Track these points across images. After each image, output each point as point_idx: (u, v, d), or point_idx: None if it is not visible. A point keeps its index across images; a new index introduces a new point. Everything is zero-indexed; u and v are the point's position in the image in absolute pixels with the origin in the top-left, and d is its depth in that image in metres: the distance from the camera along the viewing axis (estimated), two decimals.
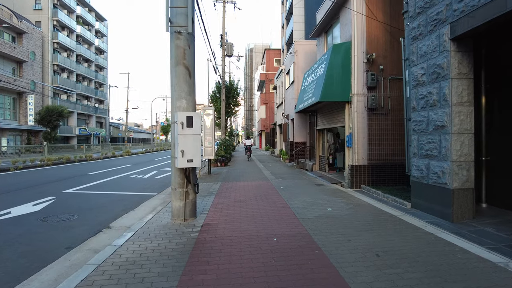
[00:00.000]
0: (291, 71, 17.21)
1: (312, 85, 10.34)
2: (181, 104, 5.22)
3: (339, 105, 9.75)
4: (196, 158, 5.05)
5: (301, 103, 11.46)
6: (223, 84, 20.92)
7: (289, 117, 18.06)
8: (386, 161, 8.66)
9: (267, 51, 39.87)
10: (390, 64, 8.93)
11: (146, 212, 6.42)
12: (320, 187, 8.68)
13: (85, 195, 8.37)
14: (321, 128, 12.14)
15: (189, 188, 5.29)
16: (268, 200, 6.95)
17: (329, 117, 10.94)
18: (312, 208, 6.07)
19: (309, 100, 10.19)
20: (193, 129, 5.03)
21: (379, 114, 8.81)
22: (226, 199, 7.17)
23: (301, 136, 16.29)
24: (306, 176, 11.27)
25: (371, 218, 5.27)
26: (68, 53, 43.21)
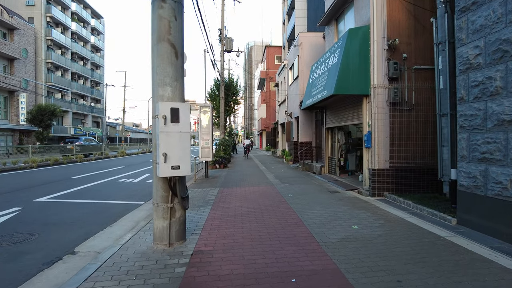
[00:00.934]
0: (295, 65, 15.97)
1: (322, 78, 9.10)
2: (164, 93, 3.97)
3: (355, 99, 8.51)
4: (184, 164, 3.80)
5: (309, 98, 10.22)
6: (222, 81, 19.70)
7: (292, 115, 16.83)
8: (410, 164, 7.42)
9: (268, 48, 38.67)
10: (414, 52, 7.70)
11: (125, 229, 5.17)
12: (335, 195, 7.43)
13: (59, 205, 7.11)
14: (331, 127, 10.90)
15: (176, 203, 4.04)
16: (276, 213, 5.70)
17: (341, 114, 9.69)
18: (333, 226, 4.82)
19: (320, 94, 8.94)
20: (180, 125, 3.79)
21: (402, 110, 7.58)
22: (224, 211, 5.92)
23: (306, 135, 15.05)
24: (315, 181, 10.02)
25: (415, 242, 4.03)
26: (63, 50, 41.90)
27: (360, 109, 8.28)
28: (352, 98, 8.58)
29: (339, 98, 9.01)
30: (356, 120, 8.71)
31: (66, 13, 42.53)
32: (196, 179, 10.54)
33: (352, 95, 8.23)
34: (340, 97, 8.73)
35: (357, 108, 8.49)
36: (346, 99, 8.92)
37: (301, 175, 11.65)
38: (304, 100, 11.10)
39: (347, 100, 8.96)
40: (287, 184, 9.28)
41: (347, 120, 9.26)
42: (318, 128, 14.11)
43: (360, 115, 8.32)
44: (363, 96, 7.92)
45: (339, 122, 9.92)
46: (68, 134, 41.61)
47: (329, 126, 10.96)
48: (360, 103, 8.25)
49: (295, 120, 16.41)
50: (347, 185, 8.52)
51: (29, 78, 34.73)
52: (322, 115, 11.99)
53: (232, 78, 25.31)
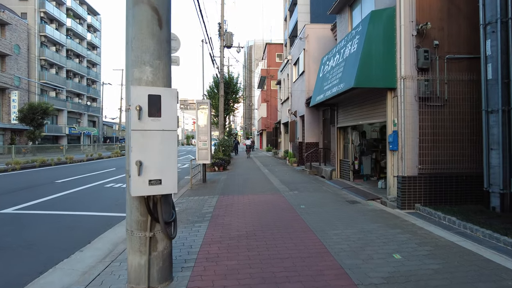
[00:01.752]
0: (300, 60, 14.81)
1: (337, 69, 7.94)
2: (142, 75, 2.80)
3: (375, 94, 7.37)
4: (168, 177, 2.63)
5: (320, 94, 9.06)
6: (221, 78, 18.55)
7: (297, 114, 15.67)
8: (443, 170, 6.27)
9: (269, 45, 37.52)
10: (447, 38, 6.56)
11: (98, 255, 4.01)
12: (356, 207, 6.27)
13: (26, 218, 5.94)
14: (344, 126, 9.74)
15: (157, 232, 2.86)
16: (290, 234, 4.53)
17: (357, 111, 8.54)
18: (368, 255, 3.66)
19: (334, 88, 7.78)
20: (162, 120, 2.62)
21: (433, 106, 6.43)
22: (224, 230, 4.75)
23: (312, 135, 13.89)
24: (327, 187, 8.86)
25: (494, 287, 2.87)
26: (57, 47, 40.62)
27: (382, 105, 7.13)
28: (373, 93, 7.43)
29: (356, 93, 7.86)
30: (376, 118, 7.56)
31: (61, 9, 41.27)
32: (193, 185, 9.37)
33: (373, 89, 7.09)
34: (358, 92, 7.58)
35: (378, 104, 7.34)
36: (365, 93, 7.76)
37: (310, 180, 10.49)
38: (313, 96, 9.95)
39: (365, 95, 7.80)
40: (296, 191, 8.11)
41: (365, 118, 8.10)
42: (326, 127, 12.96)
43: (382, 112, 7.17)
44: (386, 90, 6.78)
45: (354, 120, 8.76)
46: (63, 134, 40.37)
47: (342, 126, 9.81)
48: (382, 98, 7.10)
49: (300, 119, 15.25)
50: (367, 194, 7.36)
51: (21, 75, 33.48)
52: (333, 113, 10.83)
53: (232, 75, 24.14)
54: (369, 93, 7.55)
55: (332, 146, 11.53)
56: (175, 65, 6.37)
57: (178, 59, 6.40)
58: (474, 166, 6.23)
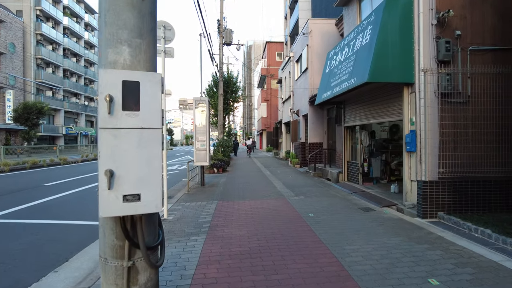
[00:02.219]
0: (303, 56, 14.17)
1: (346, 64, 7.31)
2: (118, 57, 2.14)
3: (389, 89, 6.74)
4: (150, 190, 1.97)
5: (327, 91, 8.42)
6: (220, 77, 17.94)
7: (300, 113, 15.03)
8: (466, 173, 5.63)
9: (269, 44, 36.91)
10: (470, 28, 5.93)
11: (73, 279, 3.38)
12: (371, 215, 5.63)
13: (3, 228, 5.29)
14: (352, 125, 9.11)
15: (138, 260, 2.21)
16: (301, 250, 3.89)
17: (367, 109, 7.90)
18: (398, 279, 3.02)
19: (343, 84, 7.15)
20: (141, 115, 1.96)
21: (455, 103, 5.80)
22: (225, 245, 4.11)
23: (316, 135, 13.26)
24: (335, 191, 8.22)
25: None
26: (54, 46, 39.93)
27: (397, 102, 6.50)
28: (386, 89, 6.80)
29: (368, 89, 7.24)
30: (390, 117, 6.93)
31: (57, 7, 40.58)
32: (190, 188, 8.73)
33: (387, 84, 6.47)
34: (370, 88, 6.96)
35: (393, 100, 6.71)
36: (377, 89, 7.13)
37: (315, 183, 9.85)
38: (319, 94, 9.31)
39: (378, 91, 7.17)
40: (301, 196, 7.47)
41: (377, 117, 7.46)
42: (330, 127, 12.34)
43: (397, 110, 6.54)
44: (403, 85, 6.15)
45: (364, 119, 8.12)
46: (60, 134, 39.70)
47: (350, 125, 9.17)
48: (397, 94, 6.46)
49: (303, 118, 14.62)
50: (380, 199, 6.72)
51: (16, 74, 32.80)
52: (339, 112, 10.20)
53: (232, 74, 23.49)
54: (383, 89, 6.92)
55: (338, 146, 10.90)
56: (169, 57, 5.73)
57: (173, 50, 5.76)
58: (503, 169, 5.60)
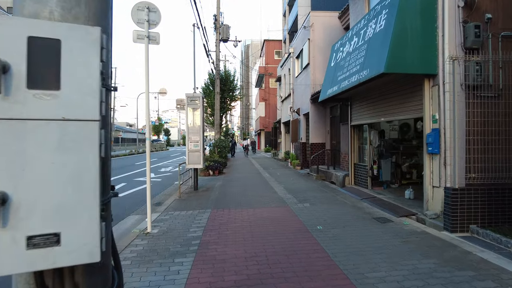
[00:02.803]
0: (304, 51, 13.38)
1: (356, 55, 6.52)
2: (41, 8, 1.31)
3: (406, 82, 5.96)
4: (78, 226, 1.15)
5: (333, 86, 7.63)
6: (217, 74, 17.12)
7: (300, 112, 14.25)
8: (500, 179, 4.85)
9: (267, 42, 36.17)
10: (502, 10, 5.18)
11: None
12: (389, 227, 4.84)
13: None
14: (360, 124, 8.32)
15: None
16: (312, 278, 3.08)
17: (379, 105, 7.12)
18: None
19: (353, 77, 6.36)
20: (62, 96, 1.14)
21: (484, 97, 5.03)
22: (216, 272, 3.29)
23: (318, 135, 12.47)
24: (342, 196, 7.43)
25: None
26: None
27: (415, 97, 5.72)
28: (403, 81, 6.01)
29: (382, 83, 6.46)
30: (406, 114, 6.15)
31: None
32: (182, 193, 7.91)
33: (404, 76, 5.69)
34: (384, 81, 6.17)
35: (410, 95, 5.93)
36: (392, 83, 6.35)
37: (318, 186, 9.06)
38: (324, 90, 8.52)
39: (393, 84, 6.39)
40: (306, 203, 6.67)
41: (390, 114, 6.68)
42: (334, 126, 11.56)
43: (414, 106, 5.77)
44: (423, 76, 5.37)
45: (374, 117, 7.35)
46: None
47: (357, 123, 8.38)
48: (416, 87, 5.69)
49: (304, 117, 13.83)
50: (396, 208, 5.93)
51: None
52: (345, 110, 9.43)
53: (229, 71, 22.67)
54: (399, 82, 6.13)
55: (343, 147, 10.12)
56: (154, 43, 4.93)
57: (158, 36, 4.96)
58: None
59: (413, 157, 8.56)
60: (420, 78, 5.44)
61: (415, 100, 5.76)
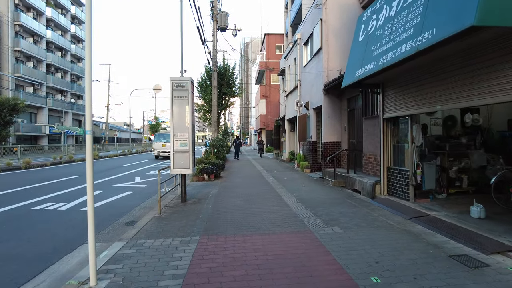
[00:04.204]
0: (315, 35, 11.45)
1: (404, 18, 4.59)
2: None
3: (499, 46, 4.03)
4: None
5: (366, 64, 5.70)
6: (214, 67, 15.22)
7: (310, 106, 12.32)
8: None
9: (268, 35, 34.22)
10: None
11: None
12: (491, 280, 2.93)
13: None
14: (396, 116, 6.41)
15: None
16: None
17: (433, 88, 5.18)
18: None
19: (402, 47, 4.43)
20: None
21: None
22: None
23: (333, 133, 10.56)
24: (381, 213, 5.50)
25: None
26: (35, 38, 36.91)
27: (507, 70, 3.81)
28: (492, 45, 4.08)
29: (454, 51, 4.55)
30: (491, 97, 4.22)
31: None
32: (164, 208, 6.00)
33: (498, 34, 3.78)
34: (458, 48, 4.26)
35: (500, 66, 4.00)
36: (474, 47, 4.42)
37: (340, 196, 7.15)
38: (350, 72, 6.60)
39: (474, 49, 4.46)
40: (335, 226, 4.74)
41: (456, 99, 4.74)
42: (353, 121, 9.65)
43: (507, 83, 3.86)
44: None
45: (425, 105, 5.42)
46: (43, 133, 36.72)
47: (393, 116, 6.47)
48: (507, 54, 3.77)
49: (314, 112, 11.91)
50: (472, 235, 4.00)
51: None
52: (371, 100, 7.54)
53: (228, 64, 20.71)
54: (485, 46, 4.19)
55: (367, 146, 8.21)
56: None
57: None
58: None
59: (463, 159, 6.67)
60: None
61: (503, 75, 3.84)
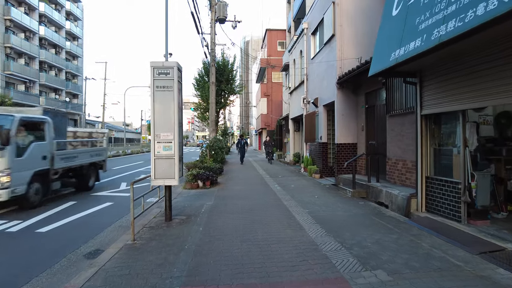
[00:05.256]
0: (326, 21, 10.01)
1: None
2: None
3: None
4: None
5: (408, 42, 4.26)
6: (212, 61, 13.81)
7: (319, 102, 10.89)
8: None
9: (269, 31, 32.78)
10: None
11: None
12: None
13: None
14: (440, 112, 4.98)
15: None
16: None
17: (498, 74, 3.77)
18: None
19: (482, 4, 3.01)
20: None
21: None
22: None
23: (348, 133, 9.12)
24: (430, 243, 4.06)
25: None
26: (28, 34, 35.44)
27: None
28: None
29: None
30: None
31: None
32: (139, 233, 4.57)
33: None
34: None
35: None
36: None
37: (366, 213, 5.71)
38: (382, 55, 5.16)
39: None
40: (378, 268, 3.30)
41: None
42: (372, 120, 8.22)
43: None
44: None
45: (486, 96, 4.00)
46: None
47: (436, 112, 5.04)
48: None
49: (325, 109, 10.47)
50: None
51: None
52: (408, 91, 6.13)
53: (227, 59, 19.25)
54: None
55: (392, 149, 6.79)
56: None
57: None
58: None
59: None
60: None
61: None
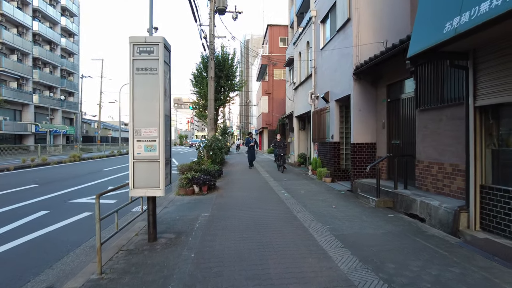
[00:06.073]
0: (339, 5, 8.84)
1: None
2: None
3: None
4: None
5: (475, 6, 3.14)
6: (211, 55, 12.66)
7: (330, 97, 9.73)
8: None
9: (270, 27, 31.60)
10: None
11: None
12: None
13: None
14: (508, 103, 3.85)
15: None
16: None
17: None
18: None
19: None
20: None
21: None
22: None
23: (366, 131, 7.98)
24: (503, 284, 2.95)
25: None
26: (20, 30, 34.23)
27: None
28: None
29: None
30: None
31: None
32: (110, 262, 3.41)
33: None
34: None
35: None
36: None
37: (403, 231, 4.57)
38: (426, 30, 4.03)
39: None
40: None
41: None
42: (396, 116, 7.07)
43: None
44: None
45: None
46: (29, 132, 34.07)
47: (496, 102, 3.90)
48: None
49: (337, 104, 9.32)
50: None
51: None
52: (451, 79, 4.99)
53: (227, 53, 18.09)
54: None
55: (428, 150, 5.64)
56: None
57: None
58: None
59: None
60: None
61: None
